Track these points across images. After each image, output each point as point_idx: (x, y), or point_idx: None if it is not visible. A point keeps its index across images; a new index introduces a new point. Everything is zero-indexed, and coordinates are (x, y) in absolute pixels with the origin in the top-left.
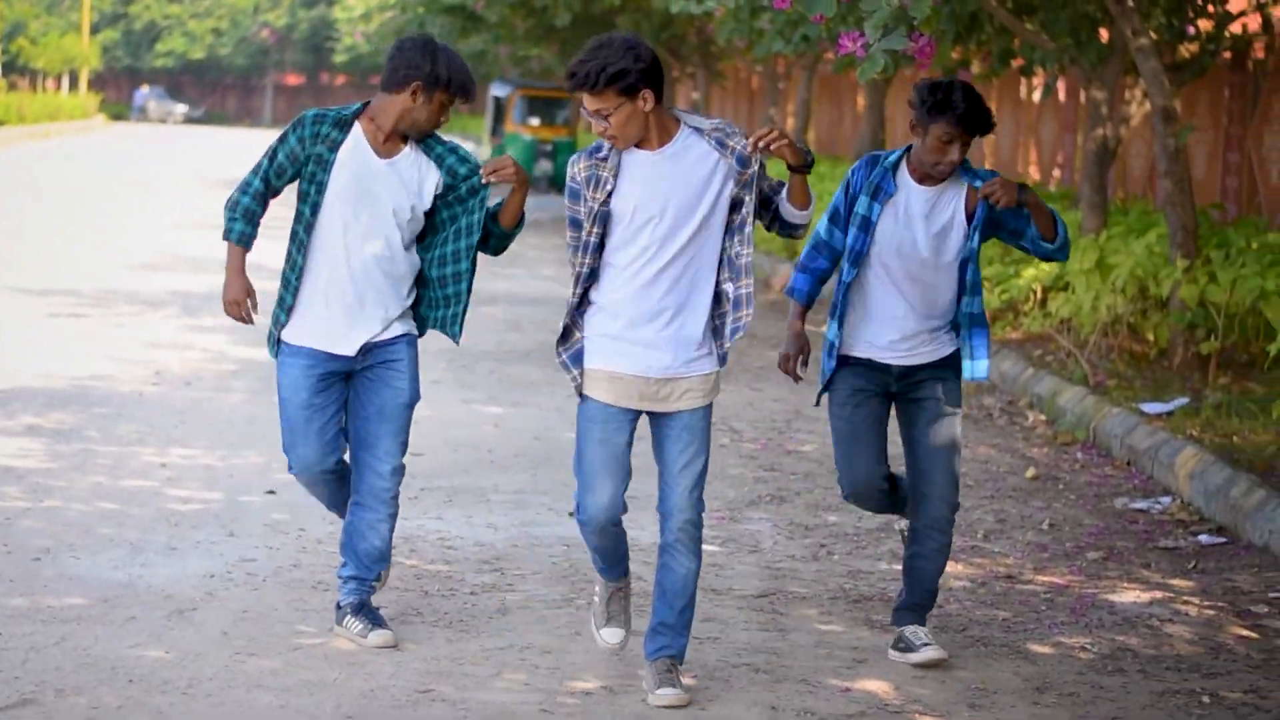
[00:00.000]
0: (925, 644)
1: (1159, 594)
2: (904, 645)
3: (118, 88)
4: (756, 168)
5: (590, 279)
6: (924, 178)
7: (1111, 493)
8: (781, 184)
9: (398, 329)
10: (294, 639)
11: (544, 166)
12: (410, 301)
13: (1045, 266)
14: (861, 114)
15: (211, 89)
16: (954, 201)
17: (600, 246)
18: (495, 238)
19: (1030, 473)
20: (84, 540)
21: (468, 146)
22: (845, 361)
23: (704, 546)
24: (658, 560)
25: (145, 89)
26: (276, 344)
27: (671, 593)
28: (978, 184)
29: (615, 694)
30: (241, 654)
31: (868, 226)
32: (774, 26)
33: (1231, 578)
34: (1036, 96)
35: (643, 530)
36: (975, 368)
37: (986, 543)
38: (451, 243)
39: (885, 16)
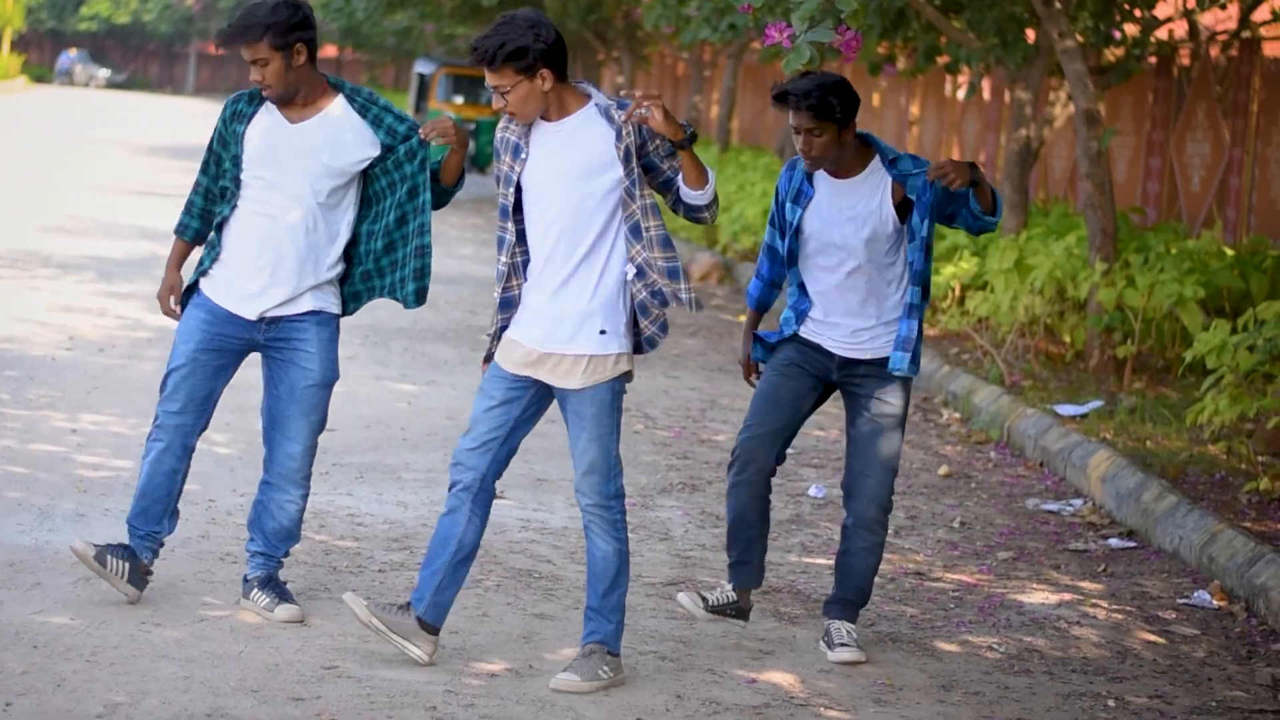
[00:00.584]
0: (843, 644)
1: (1068, 596)
2: (826, 639)
3: (40, 50)
4: (632, 140)
5: (513, 248)
6: (839, 173)
7: (1023, 493)
8: None
9: (308, 303)
10: (200, 610)
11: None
12: (333, 274)
13: (964, 264)
14: None
15: (135, 54)
16: (877, 193)
17: (516, 211)
18: (436, 195)
19: (943, 470)
20: None
21: None
22: (794, 337)
23: None
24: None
25: (72, 52)
26: (189, 290)
27: (593, 575)
28: (913, 171)
29: (520, 676)
30: (147, 624)
31: (793, 230)
32: (701, 14)
33: (1140, 582)
34: (961, 95)
35: (552, 513)
36: (894, 358)
37: (897, 539)
38: (398, 207)
39: (812, 8)
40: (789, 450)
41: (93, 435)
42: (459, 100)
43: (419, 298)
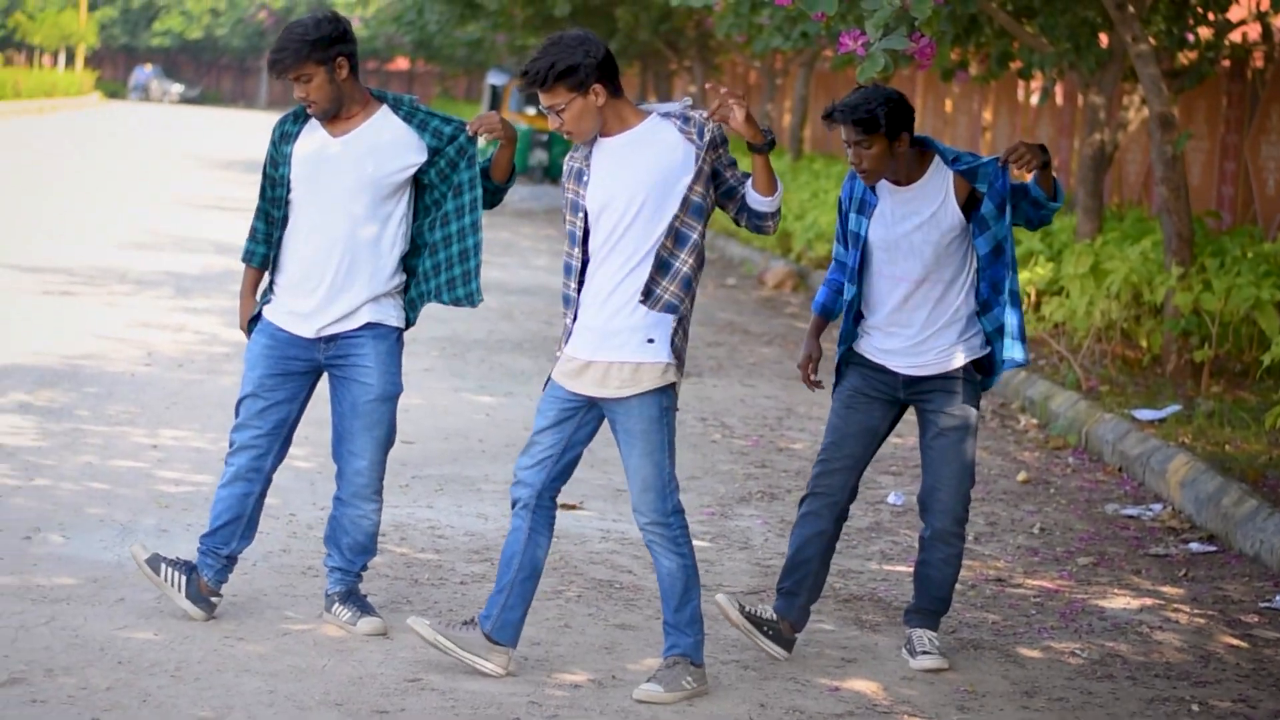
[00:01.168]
0: (925, 651)
1: (1149, 601)
2: (909, 648)
3: (114, 65)
4: (715, 138)
5: (579, 275)
6: (900, 180)
7: (1102, 498)
8: (748, 175)
9: (365, 317)
10: (283, 624)
11: (539, 156)
12: (391, 286)
13: (1040, 270)
14: None
15: (207, 69)
16: (940, 193)
17: (585, 237)
18: (488, 192)
19: (1022, 476)
20: (74, 520)
21: None
22: (856, 358)
23: (694, 542)
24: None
25: (148, 68)
26: (255, 318)
27: (664, 592)
28: (980, 162)
29: (603, 688)
30: (230, 638)
31: (859, 242)
32: (773, 22)
33: (1222, 586)
34: (1034, 100)
35: (632, 524)
36: (1008, 346)
37: (977, 545)
38: (451, 200)
39: (886, 16)
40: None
41: (173, 450)
42: (531, 111)
43: (470, 299)
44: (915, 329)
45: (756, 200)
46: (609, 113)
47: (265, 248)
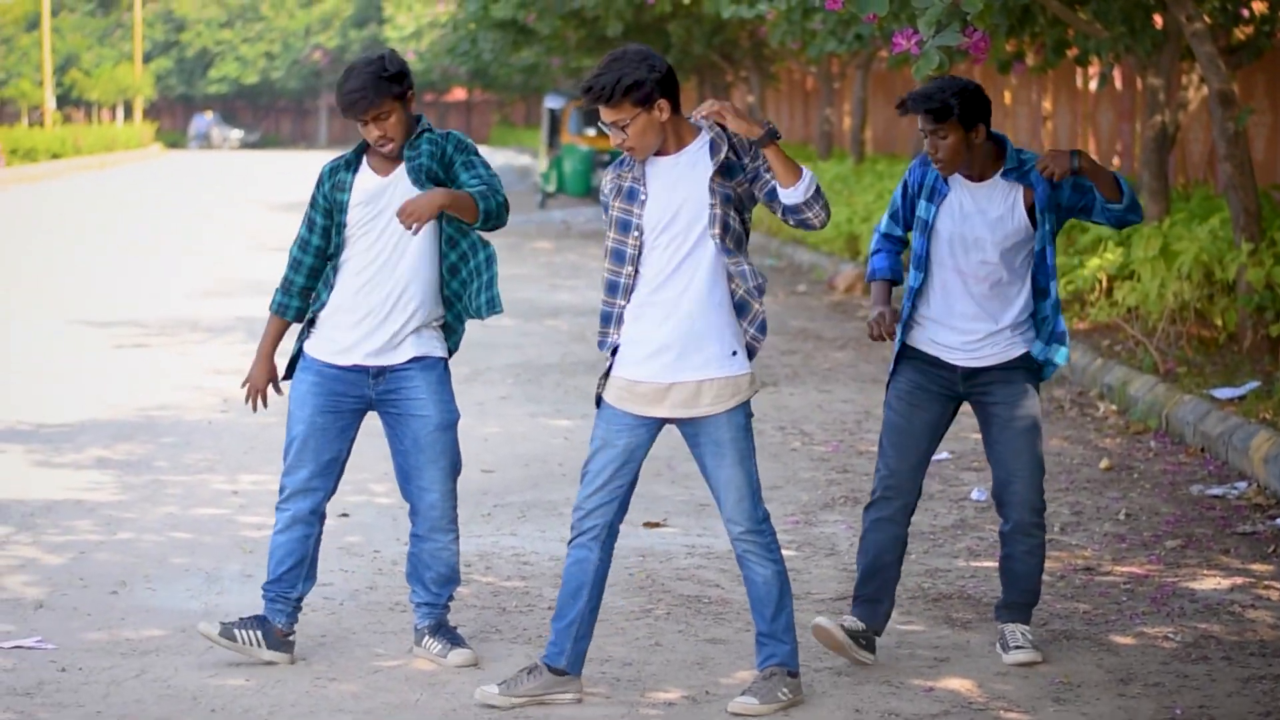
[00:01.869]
0: (1018, 646)
1: (1239, 580)
2: (1002, 643)
3: (172, 116)
4: (727, 159)
5: (628, 292)
6: (973, 176)
7: (1186, 480)
8: None
9: (410, 350)
10: (373, 661)
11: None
12: (432, 317)
13: (1110, 255)
14: None
15: (266, 113)
16: (1010, 197)
17: (638, 254)
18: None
19: (1104, 464)
20: (159, 571)
21: (524, 160)
22: (911, 353)
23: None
24: (742, 575)
25: (208, 116)
26: (296, 357)
27: (757, 601)
28: (1031, 175)
29: (697, 703)
30: (322, 679)
31: (925, 229)
32: (826, 27)
33: None
34: (1093, 86)
35: (717, 538)
36: (1056, 352)
37: (1064, 535)
38: (451, 220)
39: (938, 13)
40: (949, 456)
41: (254, 495)
42: (591, 132)
43: (491, 306)
44: (973, 322)
45: (785, 194)
46: (670, 129)
47: (300, 302)
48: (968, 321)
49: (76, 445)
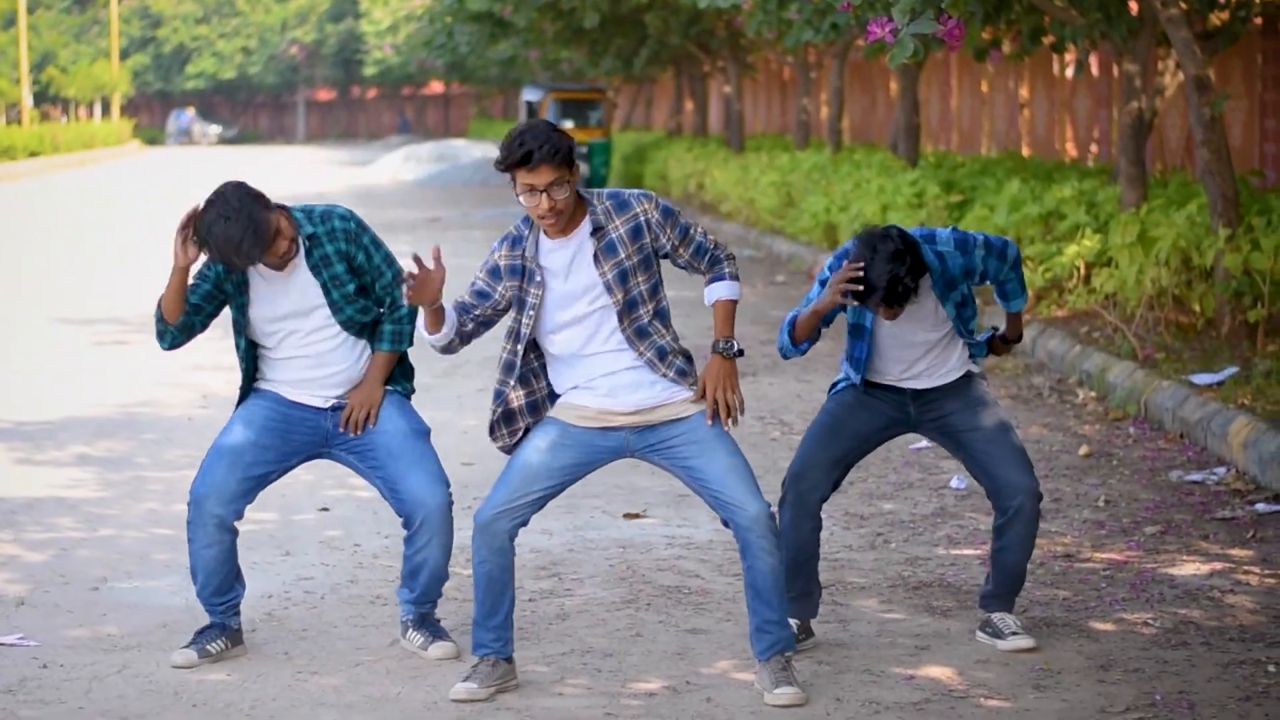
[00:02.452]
0: (1014, 632)
1: (1219, 565)
2: (992, 631)
3: (150, 112)
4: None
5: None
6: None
7: (1166, 466)
8: (695, 261)
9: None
10: (355, 655)
11: (580, 169)
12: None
13: (1087, 242)
14: (895, 100)
15: (244, 108)
16: (929, 312)
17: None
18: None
19: (1083, 450)
20: (141, 567)
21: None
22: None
23: None
24: (743, 564)
25: (190, 111)
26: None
27: (764, 590)
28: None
29: (679, 693)
30: (304, 673)
31: (862, 334)
32: (802, 16)
33: None
34: (1069, 73)
35: (697, 528)
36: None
37: (1044, 523)
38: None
39: (913, 1)
40: (928, 445)
41: None
42: (569, 124)
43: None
44: (918, 368)
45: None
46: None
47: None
48: (912, 369)
49: (58, 442)
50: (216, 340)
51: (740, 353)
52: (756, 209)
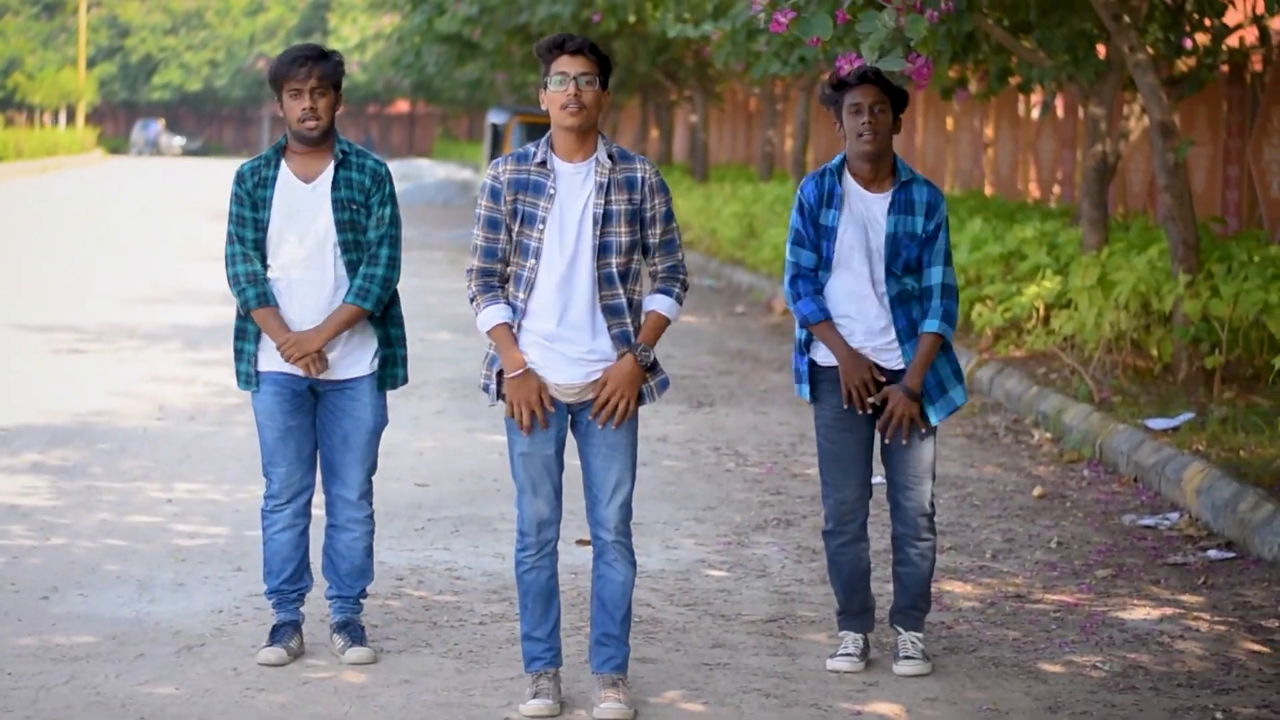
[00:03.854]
0: (907, 656)
1: (1169, 610)
2: (894, 653)
3: (115, 121)
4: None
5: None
6: (867, 182)
7: (1119, 510)
8: (658, 254)
9: (352, 368)
10: (304, 673)
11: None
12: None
13: (1048, 284)
14: None
15: (209, 120)
16: (896, 210)
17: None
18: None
19: (1037, 491)
20: (91, 578)
21: (466, 174)
22: (822, 371)
23: (711, 571)
24: (593, 572)
25: (159, 122)
26: (251, 376)
27: (611, 603)
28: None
29: None
30: (251, 689)
31: (831, 235)
32: (771, 49)
33: (1242, 593)
34: (1035, 114)
35: (649, 556)
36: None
37: (995, 562)
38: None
39: (882, 38)
40: (883, 480)
41: (188, 504)
42: None
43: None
44: (875, 329)
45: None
46: (596, 123)
47: (263, 286)
48: (869, 325)
49: (11, 450)
50: (174, 353)
51: (654, 365)
52: (718, 239)
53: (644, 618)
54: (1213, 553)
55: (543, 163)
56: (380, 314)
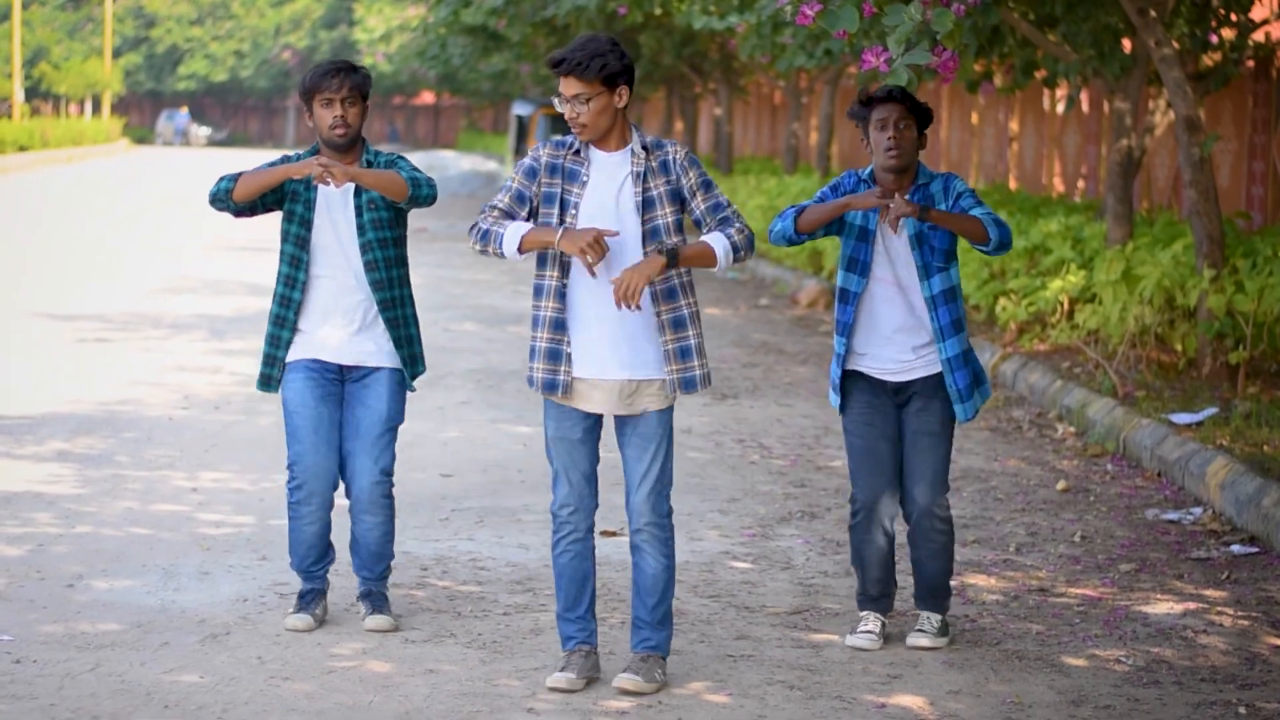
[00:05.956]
0: (920, 630)
1: (1192, 605)
2: (912, 627)
3: (140, 111)
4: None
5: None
6: (892, 193)
7: (1143, 504)
8: (708, 216)
9: (376, 357)
10: (328, 662)
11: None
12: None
13: (1072, 278)
14: None
15: (234, 111)
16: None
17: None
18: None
19: (1061, 485)
20: (116, 566)
21: (490, 166)
22: (853, 375)
23: (736, 563)
24: (632, 559)
25: (184, 112)
26: (274, 380)
27: (643, 590)
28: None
29: (649, 709)
30: (276, 678)
31: (867, 236)
32: (796, 41)
33: (1265, 588)
34: (1060, 108)
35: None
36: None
37: (1019, 556)
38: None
39: (908, 31)
40: None
41: (213, 493)
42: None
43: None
44: (907, 336)
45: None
46: (620, 119)
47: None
48: (902, 333)
49: (37, 438)
50: (199, 342)
51: (674, 258)
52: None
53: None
54: (1236, 548)
55: (577, 151)
56: (396, 315)
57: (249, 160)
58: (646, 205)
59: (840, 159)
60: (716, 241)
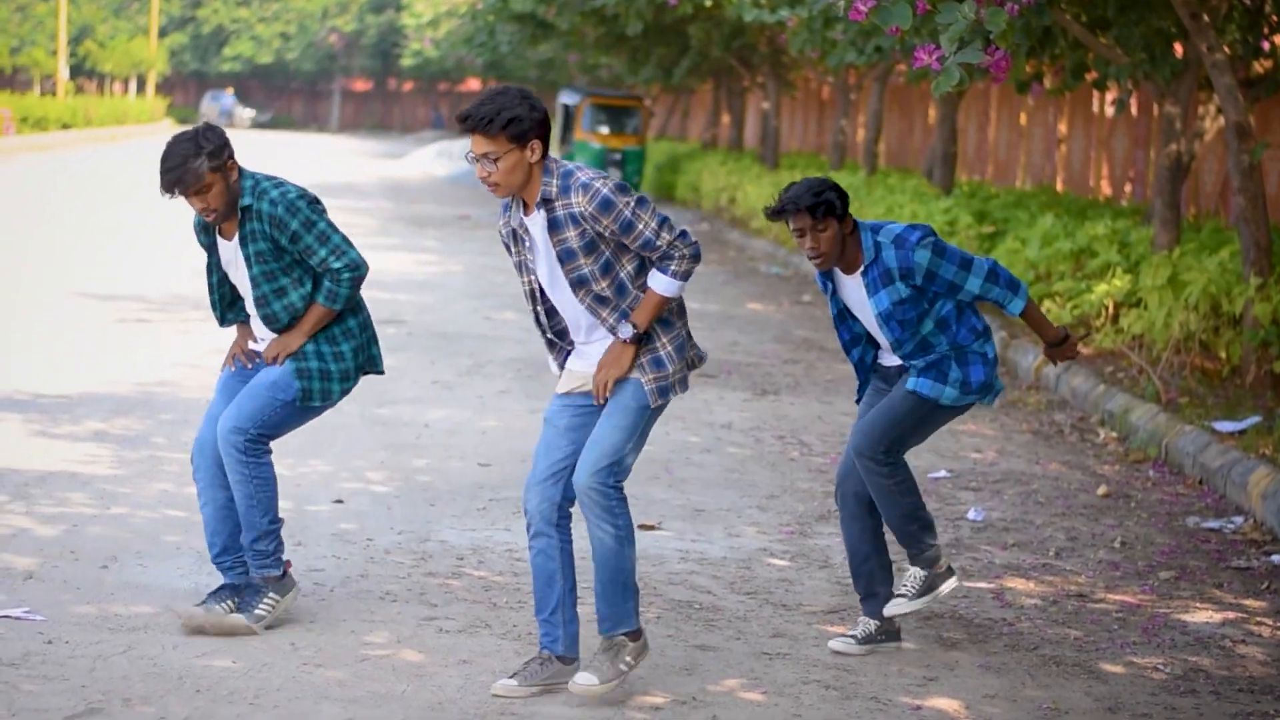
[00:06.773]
0: (900, 594)
1: (1232, 614)
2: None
3: (185, 91)
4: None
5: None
6: (843, 271)
7: (1183, 511)
8: (644, 252)
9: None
10: (361, 650)
11: (613, 175)
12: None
13: (1118, 282)
14: (932, 126)
15: (279, 94)
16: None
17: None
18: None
19: (1102, 490)
20: (151, 548)
21: None
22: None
23: (773, 560)
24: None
25: (230, 93)
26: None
27: (596, 562)
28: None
29: (685, 706)
30: (309, 665)
31: (843, 318)
32: (847, 37)
33: None
34: (1109, 111)
35: (711, 544)
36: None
37: (1058, 560)
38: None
39: (961, 29)
40: (947, 474)
41: None
42: (604, 130)
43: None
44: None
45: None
46: (535, 172)
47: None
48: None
49: (74, 417)
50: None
51: (638, 338)
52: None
53: (705, 605)
54: (1276, 558)
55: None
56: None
57: (293, 144)
58: (564, 258)
59: (887, 156)
60: (664, 288)
